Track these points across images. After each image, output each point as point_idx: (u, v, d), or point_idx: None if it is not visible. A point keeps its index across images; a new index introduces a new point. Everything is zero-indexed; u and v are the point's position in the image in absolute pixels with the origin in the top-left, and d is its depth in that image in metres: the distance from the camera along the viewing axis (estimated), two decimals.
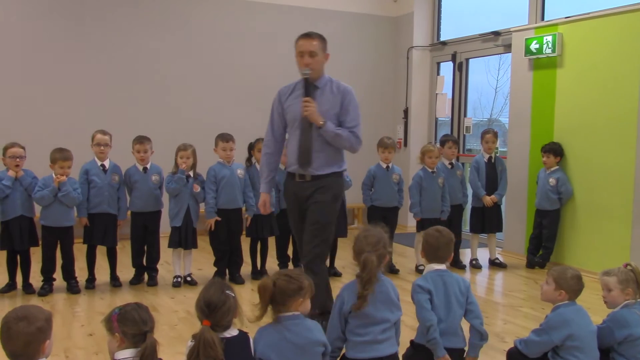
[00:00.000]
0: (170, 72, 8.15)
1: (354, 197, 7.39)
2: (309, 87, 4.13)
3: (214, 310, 2.62)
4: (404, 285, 5.78)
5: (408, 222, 8.59)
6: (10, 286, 5.40)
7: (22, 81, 7.43)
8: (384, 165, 6.28)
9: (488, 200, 6.56)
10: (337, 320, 3.09)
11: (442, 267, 3.34)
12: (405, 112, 9.31)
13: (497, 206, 6.70)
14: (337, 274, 6.17)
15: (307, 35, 4.17)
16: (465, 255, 6.91)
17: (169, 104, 8.12)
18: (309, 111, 4.04)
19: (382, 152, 6.28)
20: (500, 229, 6.91)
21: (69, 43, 7.65)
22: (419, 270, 6.28)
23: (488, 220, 6.65)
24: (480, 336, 3.24)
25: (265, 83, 8.61)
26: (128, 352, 2.43)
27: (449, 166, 6.53)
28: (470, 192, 6.82)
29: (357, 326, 3.04)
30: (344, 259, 6.48)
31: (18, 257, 5.40)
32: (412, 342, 3.30)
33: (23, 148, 5.31)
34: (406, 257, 7.06)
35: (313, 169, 4.13)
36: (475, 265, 6.65)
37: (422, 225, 6.30)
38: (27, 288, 5.39)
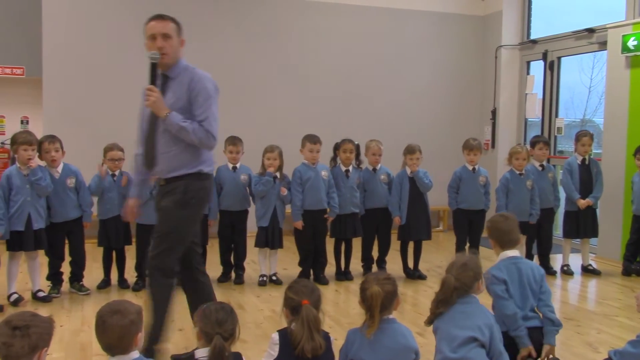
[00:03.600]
0: (255, 74, 8.30)
1: (437, 199, 7.29)
2: (155, 73, 3.58)
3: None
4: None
5: None
6: (106, 282, 5.65)
7: (115, 84, 7.73)
8: (470, 168, 6.15)
9: (582, 203, 6.29)
10: None
11: (516, 252, 3.30)
12: (493, 112, 9.10)
13: (592, 210, 6.41)
14: (422, 277, 6.10)
15: (159, 17, 3.64)
16: (557, 261, 6.65)
17: (255, 106, 8.27)
18: (150, 100, 3.51)
19: (467, 154, 6.16)
20: (596, 234, 6.56)
21: None
22: None
23: (583, 225, 6.36)
24: (552, 323, 3.23)
25: (352, 84, 8.70)
26: (203, 352, 2.50)
27: (540, 168, 6.32)
28: (562, 195, 6.56)
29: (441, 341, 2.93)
30: (429, 262, 6.40)
31: (114, 254, 5.67)
32: None
33: (122, 150, 5.57)
34: (492, 261, 6.77)
35: (162, 171, 3.65)
36: (567, 272, 6.38)
37: None
38: (122, 283, 5.65)
